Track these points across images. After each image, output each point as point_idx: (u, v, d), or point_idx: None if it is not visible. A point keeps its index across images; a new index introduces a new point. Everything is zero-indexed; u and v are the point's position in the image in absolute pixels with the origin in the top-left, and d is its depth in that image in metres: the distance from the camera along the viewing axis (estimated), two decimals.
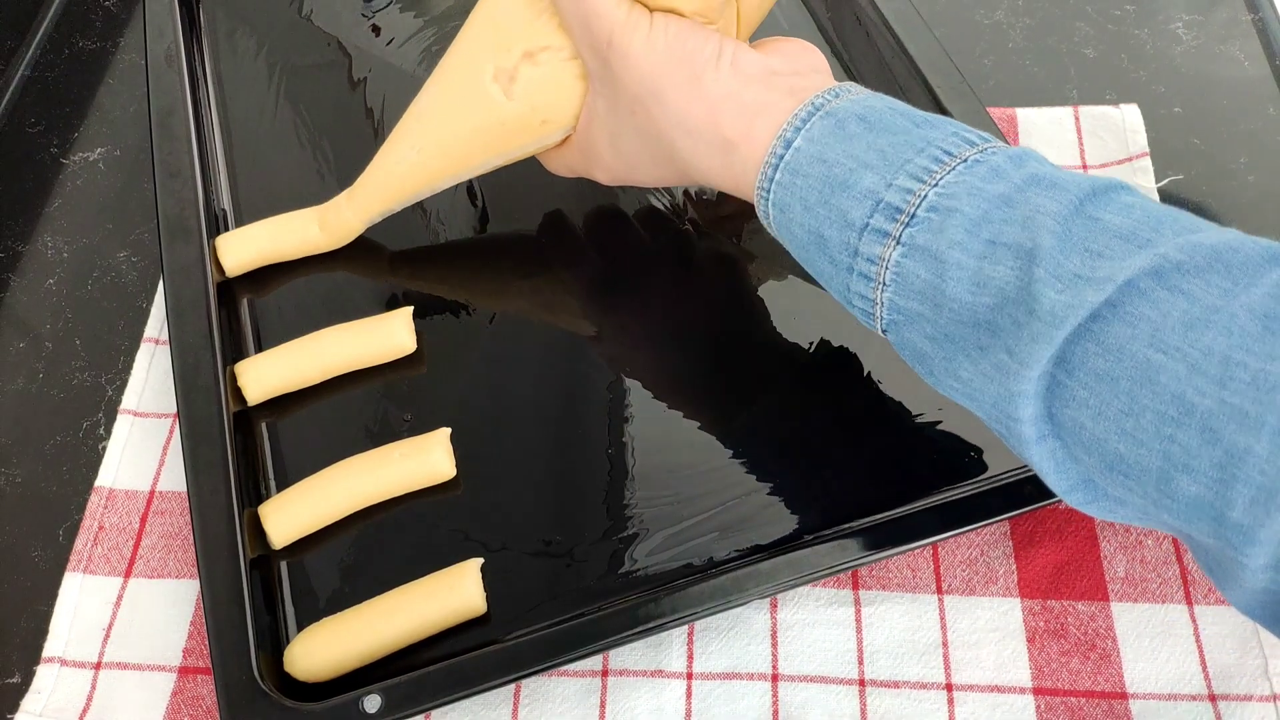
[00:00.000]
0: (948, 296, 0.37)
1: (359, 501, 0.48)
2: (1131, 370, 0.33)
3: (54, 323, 0.56)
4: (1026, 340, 0.35)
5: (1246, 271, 0.33)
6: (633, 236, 0.57)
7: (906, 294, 0.38)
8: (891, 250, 0.38)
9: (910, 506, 0.47)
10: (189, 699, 0.45)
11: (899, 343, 0.41)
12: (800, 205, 0.41)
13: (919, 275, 0.38)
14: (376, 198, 0.53)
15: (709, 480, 0.49)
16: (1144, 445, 0.33)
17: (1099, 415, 0.34)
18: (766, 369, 0.52)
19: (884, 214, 0.38)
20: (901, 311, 0.39)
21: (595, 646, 0.43)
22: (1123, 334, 0.33)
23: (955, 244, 0.37)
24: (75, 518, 0.49)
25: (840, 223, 0.39)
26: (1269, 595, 0.33)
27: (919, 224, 0.37)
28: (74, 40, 0.67)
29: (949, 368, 0.38)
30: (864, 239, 0.39)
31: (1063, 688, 0.45)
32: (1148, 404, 0.33)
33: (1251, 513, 0.31)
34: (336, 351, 0.51)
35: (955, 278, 0.37)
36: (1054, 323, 0.34)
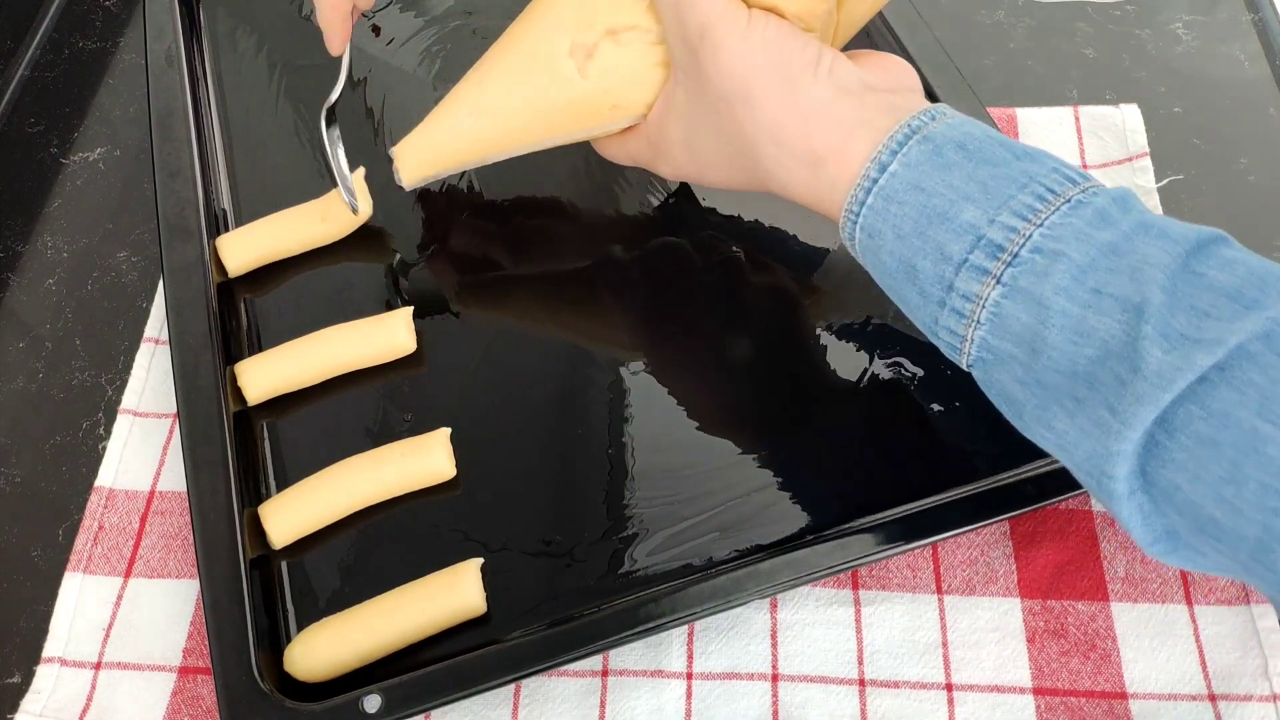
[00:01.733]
0: (1047, 344, 0.36)
1: (359, 501, 0.48)
2: (1237, 438, 0.32)
3: (54, 323, 0.56)
4: (1130, 400, 0.34)
5: None
6: (632, 237, 0.57)
7: (1002, 335, 0.37)
8: (990, 289, 0.37)
9: (910, 506, 0.47)
10: (189, 699, 0.45)
11: (986, 381, 0.39)
12: (893, 233, 0.39)
13: (1018, 318, 0.36)
14: (425, 160, 0.51)
15: (709, 480, 0.49)
16: (1243, 515, 0.32)
17: (1197, 479, 0.33)
18: (766, 370, 0.52)
19: (985, 251, 0.37)
20: (993, 351, 0.38)
21: (595, 646, 0.43)
22: (1230, 399, 0.32)
23: (1060, 290, 0.35)
24: (75, 518, 0.49)
25: (936, 256, 0.38)
26: None
27: (1022, 264, 0.36)
28: (74, 40, 0.67)
29: (1041, 416, 0.37)
30: (961, 275, 0.38)
31: (1063, 688, 0.45)
32: (1251, 474, 0.32)
33: None
34: (336, 351, 0.51)
35: (1058, 325, 0.35)
36: (1160, 384, 0.33)
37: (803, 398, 0.51)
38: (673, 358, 0.53)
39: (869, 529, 0.46)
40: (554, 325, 0.54)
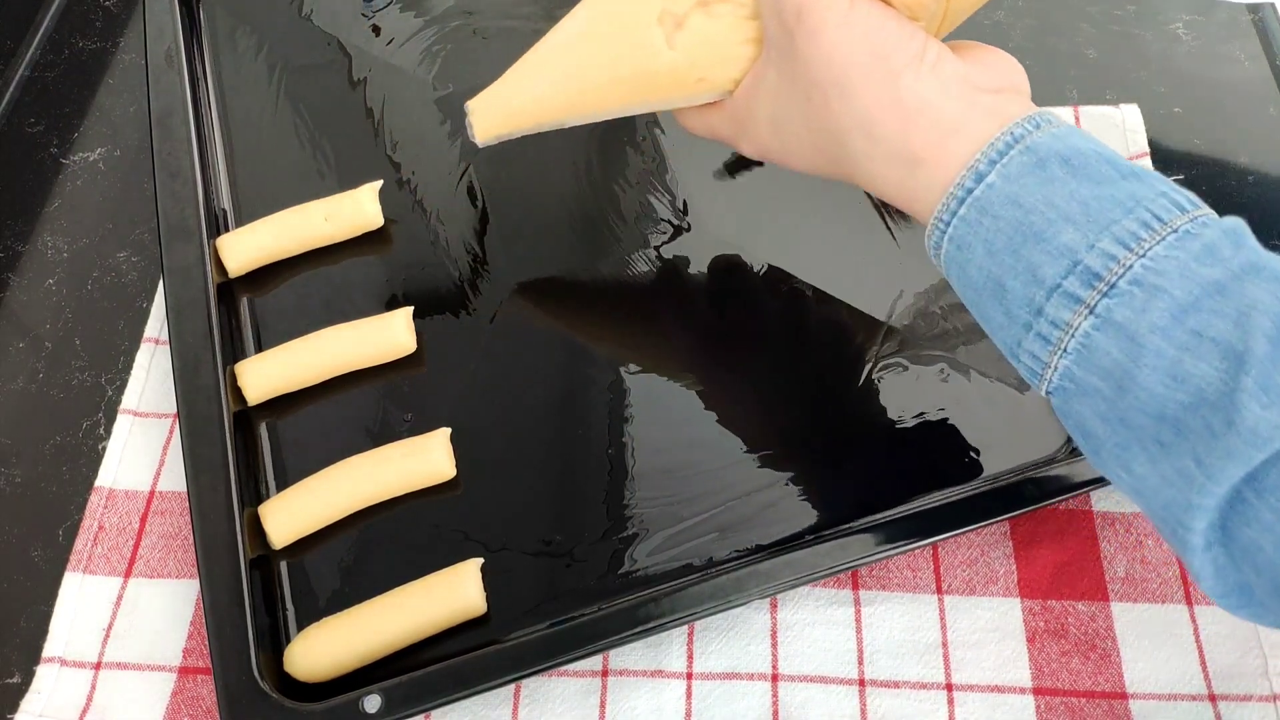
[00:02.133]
0: (1137, 383, 0.34)
1: (359, 501, 0.48)
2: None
3: (54, 323, 0.56)
4: (1220, 454, 0.32)
5: None
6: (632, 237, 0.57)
7: (1089, 369, 0.35)
8: (1082, 319, 0.35)
9: (910, 506, 0.47)
10: (189, 699, 0.45)
11: (1065, 411, 0.38)
12: (984, 248, 0.37)
13: (1109, 353, 0.35)
14: (500, 119, 0.49)
15: (709, 480, 0.49)
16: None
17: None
18: (766, 370, 0.52)
19: (1080, 278, 0.35)
20: (1077, 382, 0.36)
21: (595, 646, 0.43)
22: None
23: (1157, 329, 0.33)
24: (75, 518, 0.49)
25: (1028, 277, 0.36)
26: None
27: (1119, 296, 0.34)
28: (74, 40, 0.67)
29: (1120, 457, 0.36)
30: (1052, 301, 0.36)
31: (1063, 688, 0.45)
32: None
33: None
34: (336, 351, 0.51)
35: (1151, 365, 0.34)
36: (1256, 442, 0.31)
37: (803, 398, 0.51)
38: (673, 358, 0.53)
39: (869, 529, 0.46)
40: (554, 325, 0.54)
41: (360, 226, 0.56)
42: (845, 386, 0.52)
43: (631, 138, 0.60)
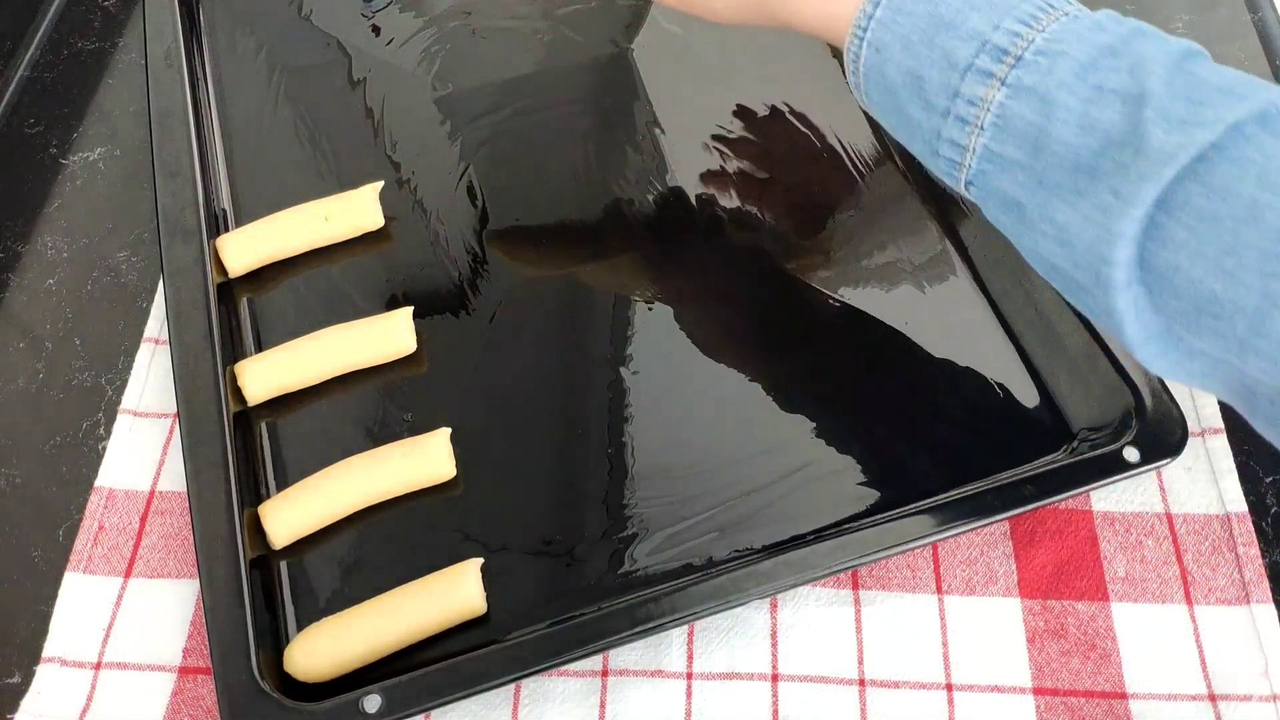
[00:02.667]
0: (1052, 138, 0.37)
1: (359, 501, 0.48)
2: (1237, 210, 0.33)
3: (54, 323, 0.56)
4: (1134, 179, 0.35)
5: None
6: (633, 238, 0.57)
7: (1004, 139, 0.38)
8: (996, 91, 0.38)
9: (910, 506, 0.47)
10: (189, 699, 0.45)
11: (985, 194, 0.40)
12: (900, 45, 0.40)
13: (1023, 117, 0.38)
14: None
15: (709, 480, 0.49)
16: (1242, 283, 0.34)
17: (1197, 255, 0.34)
18: (766, 370, 0.52)
19: (990, 55, 0.38)
20: (994, 160, 0.39)
21: (595, 646, 0.43)
22: (1229, 174, 0.34)
23: (1063, 85, 0.37)
24: (75, 518, 0.49)
25: (943, 63, 0.39)
26: None
27: (1026, 66, 0.38)
28: (74, 40, 0.67)
29: (1043, 213, 0.38)
30: (967, 80, 0.39)
31: (1063, 688, 0.45)
32: (1252, 241, 0.33)
33: None
34: (336, 351, 0.51)
35: (1062, 120, 0.37)
36: (1163, 160, 0.34)
37: (803, 398, 0.51)
38: (673, 357, 0.53)
39: (869, 529, 0.46)
40: (554, 325, 0.54)
41: (360, 226, 0.56)
42: (845, 386, 0.52)
43: (631, 137, 0.61)
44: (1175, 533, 0.49)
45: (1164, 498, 0.49)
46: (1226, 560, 0.48)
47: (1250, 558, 0.48)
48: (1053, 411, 0.51)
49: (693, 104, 0.62)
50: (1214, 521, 0.49)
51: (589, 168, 0.59)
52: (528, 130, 0.61)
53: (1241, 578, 0.47)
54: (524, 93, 0.62)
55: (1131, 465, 0.47)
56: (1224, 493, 0.49)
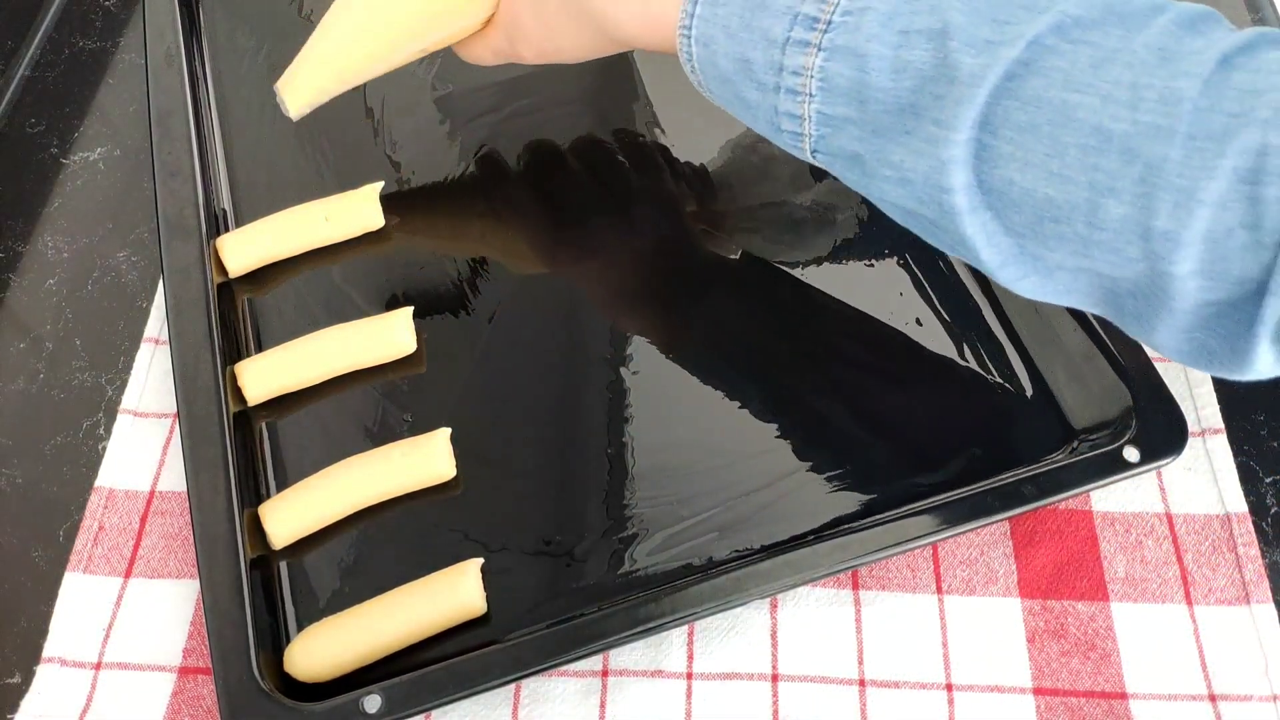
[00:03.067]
0: (871, 88, 0.39)
1: (359, 501, 0.48)
2: (1051, 115, 0.36)
3: (54, 323, 0.56)
4: (950, 106, 0.37)
5: (1137, 19, 0.36)
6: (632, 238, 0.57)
7: (833, 99, 0.40)
8: (815, 58, 0.40)
9: (910, 506, 0.47)
10: (189, 699, 0.45)
11: (830, 157, 0.42)
12: (723, 34, 0.42)
13: (842, 74, 0.39)
14: (308, 89, 0.53)
15: (709, 480, 0.49)
16: (1071, 181, 0.36)
17: (1026, 165, 0.36)
18: (766, 370, 0.52)
19: (803, 25, 0.40)
20: (830, 123, 0.41)
21: (595, 646, 0.43)
22: (1038, 85, 0.36)
23: (872, 37, 0.39)
24: (75, 518, 0.49)
25: (765, 43, 0.41)
26: (1196, 309, 0.35)
27: (836, 28, 0.39)
28: (74, 40, 0.67)
29: (881, 157, 0.40)
30: (788, 53, 0.40)
31: (1063, 688, 0.45)
32: (1070, 140, 0.35)
33: (1175, 216, 0.34)
34: (336, 351, 0.51)
35: (876, 68, 0.39)
36: (974, 83, 0.37)
37: (802, 398, 0.51)
38: (673, 358, 0.53)
39: (869, 529, 0.46)
40: (554, 325, 0.54)
41: (360, 226, 0.56)
42: (845, 386, 0.52)
43: (631, 138, 0.61)
44: (1175, 533, 0.49)
45: (1164, 498, 0.50)
46: (1226, 560, 0.48)
47: (1250, 558, 0.48)
48: (1053, 411, 0.51)
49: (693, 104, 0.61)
50: (1214, 521, 0.49)
51: (588, 168, 0.59)
52: (528, 130, 0.61)
53: (1241, 578, 0.47)
54: (524, 93, 0.62)
55: (1131, 465, 0.47)
56: (1224, 493, 0.49)
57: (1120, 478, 0.47)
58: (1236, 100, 0.33)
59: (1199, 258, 0.34)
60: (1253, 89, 0.33)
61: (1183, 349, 0.38)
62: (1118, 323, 0.40)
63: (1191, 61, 0.35)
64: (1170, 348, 0.38)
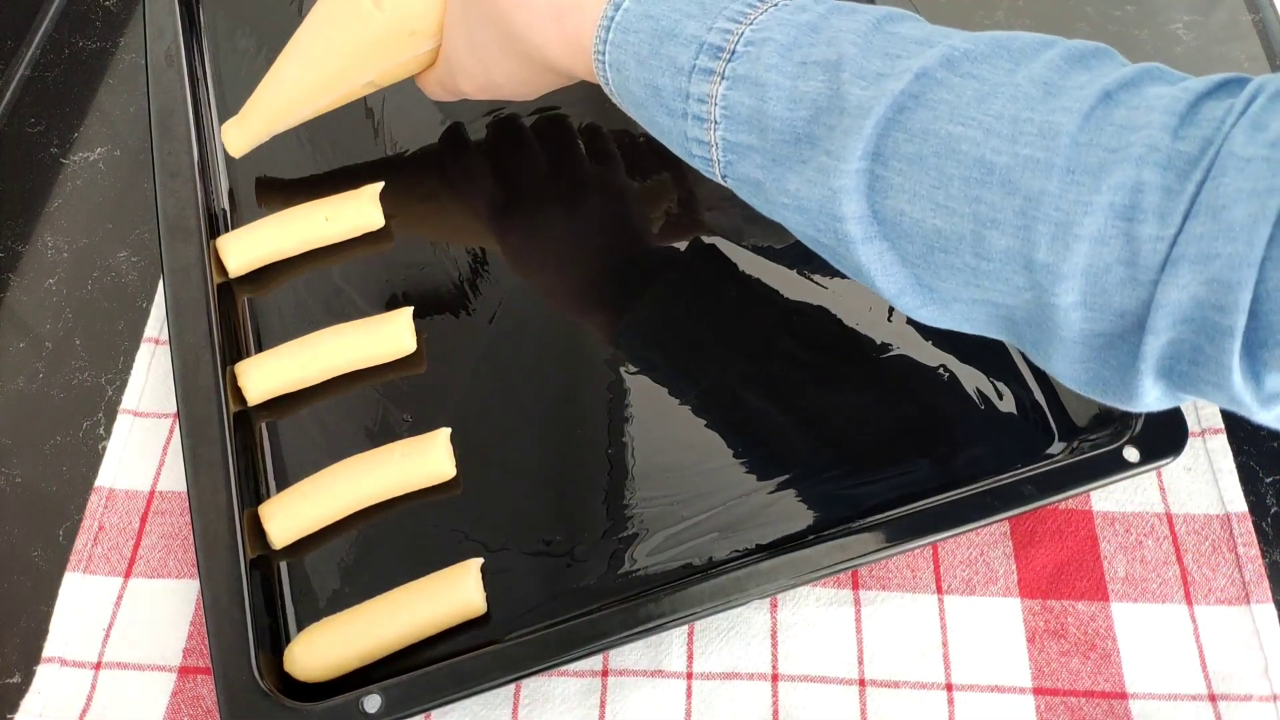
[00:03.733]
0: (770, 116, 0.40)
1: (359, 501, 0.48)
2: (937, 147, 0.36)
3: (54, 323, 0.56)
4: (840, 136, 0.38)
5: (1025, 54, 0.37)
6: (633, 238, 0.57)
7: (736, 127, 0.41)
8: (718, 86, 0.41)
9: (910, 506, 0.47)
10: (189, 699, 0.45)
11: (738, 182, 0.43)
12: (634, 60, 0.43)
13: (744, 103, 0.40)
14: (263, 119, 0.55)
15: (709, 480, 0.49)
16: (956, 213, 0.36)
17: (914, 197, 0.37)
18: (766, 370, 0.52)
19: (708, 54, 0.41)
20: (734, 150, 0.41)
21: (595, 646, 0.43)
22: (925, 118, 0.37)
23: (771, 68, 0.40)
24: (75, 518, 0.49)
25: (672, 70, 0.42)
26: (1085, 339, 0.35)
27: (739, 58, 0.40)
28: (74, 40, 0.67)
29: (779, 186, 0.41)
30: (693, 80, 0.42)
31: (1063, 688, 0.45)
32: (954, 172, 0.36)
33: (1054, 250, 0.34)
34: (336, 351, 0.51)
35: (774, 98, 0.39)
36: (862, 114, 0.37)
37: (803, 398, 0.51)
38: (674, 357, 0.53)
39: (869, 529, 0.46)
40: (554, 325, 0.54)
41: (360, 226, 0.56)
42: (845, 386, 0.52)
43: (631, 137, 0.60)
44: (1175, 533, 0.49)
45: (1164, 498, 0.50)
46: (1226, 560, 0.48)
47: (1250, 558, 0.48)
48: (1053, 411, 0.51)
49: None
50: (1214, 521, 0.49)
51: (588, 168, 0.59)
52: (528, 130, 0.61)
53: (1241, 578, 0.47)
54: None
55: (1131, 465, 0.47)
56: (1224, 493, 0.49)
57: (1120, 478, 0.47)
58: (1114, 135, 0.33)
59: (1080, 290, 0.34)
60: (1130, 124, 0.33)
61: (1080, 378, 0.38)
62: (1021, 349, 0.40)
63: (1073, 96, 0.35)
64: (1068, 376, 0.38)
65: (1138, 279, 0.33)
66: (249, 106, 0.55)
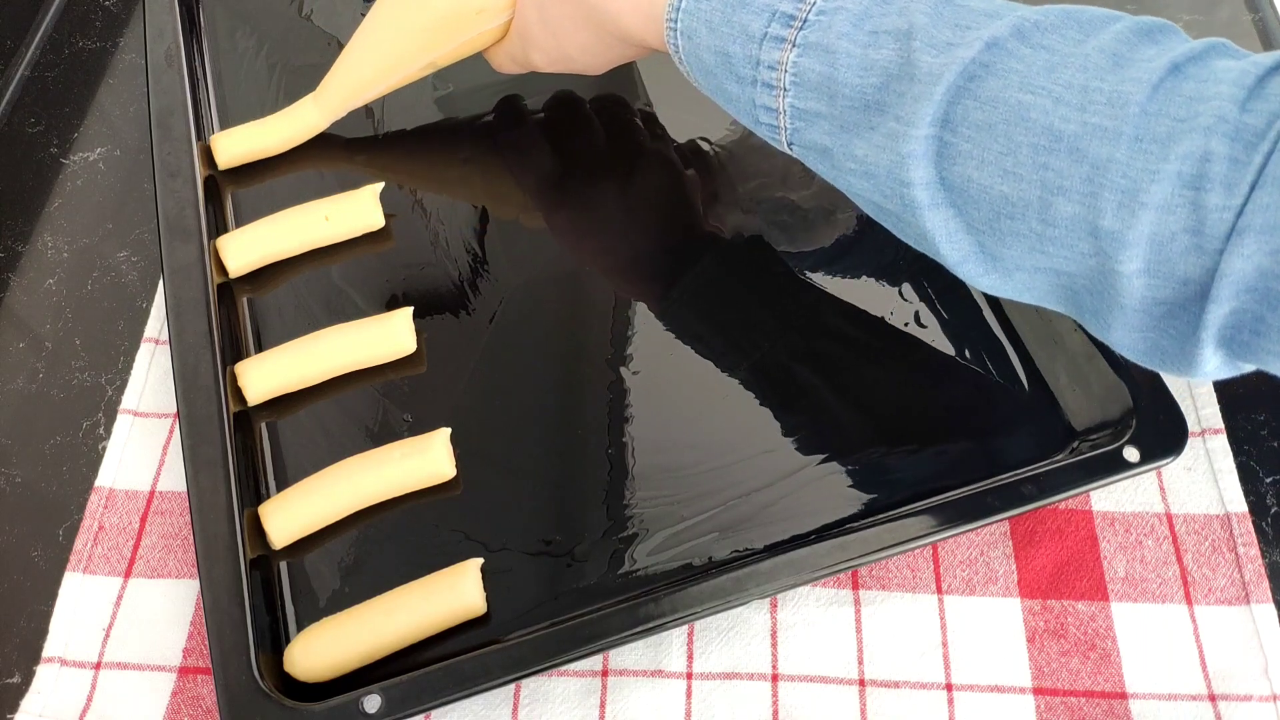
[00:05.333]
0: (840, 83, 0.40)
1: (359, 501, 0.48)
2: (1006, 114, 0.37)
3: (54, 323, 0.56)
4: (910, 103, 0.39)
5: (1094, 25, 0.38)
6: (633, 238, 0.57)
7: (805, 94, 0.42)
8: (789, 53, 0.42)
9: (910, 506, 0.47)
10: (189, 699, 0.45)
11: (804, 149, 0.44)
12: (706, 28, 0.44)
13: (814, 70, 0.41)
14: (339, 97, 0.57)
15: (709, 480, 0.49)
16: (1023, 179, 0.37)
17: (982, 163, 0.38)
18: (765, 370, 0.52)
19: (780, 21, 0.42)
20: (802, 116, 0.42)
21: (595, 646, 0.43)
22: (995, 86, 0.37)
23: (843, 35, 0.40)
24: (75, 518, 0.49)
25: (743, 38, 0.43)
26: (1146, 308, 0.36)
27: (810, 26, 0.41)
28: (74, 40, 0.67)
29: (847, 151, 0.41)
30: (764, 47, 0.42)
31: (1063, 688, 0.45)
32: (1022, 140, 0.37)
33: (1120, 217, 0.35)
34: (336, 351, 0.51)
35: (845, 65, 0.40)
36: (932, 81, 0.38)
37: (801, 398, 0.51)
38: (674, 358, 0.53)
39: (869, 529, 0.46)
40: (554, 325, 0.54)
41: (360, 226, 0.56)
42: (845, 386, 0.52)
43: (632, 137, 0.61)
44: (1175, 533, 0.49)
45: (1164, 498, 0.50)
46: (1226, 560, 0.48)
47: (1250, 558, 0.48)
48: (1053, 411, 0.51)
49: (693, 104, 0.61)
50: (1214, 521, 0.49)
51: (588, 167, 0.59)
52: (528, 130, 0.61)
53: (1241, 578, 0.47)
54: (524, 93, 0.62)
55: (1131, 465, 0.47)
56: (1224, 493, 0.49)
57: (1120, 478, 0.47)
58: (1183, 105, 0.34)
59: (1144, 257, 0.35)
60: (1199, 95, 0.34)
61: (1138, 348, 0.38)
62: (1079, 320, 0.40)
63: (1142, 67, 0.35)
64: (1126, 346, 0.39)
65: (1203, 247, 0.34)
66: (324, 85, 0.57)
